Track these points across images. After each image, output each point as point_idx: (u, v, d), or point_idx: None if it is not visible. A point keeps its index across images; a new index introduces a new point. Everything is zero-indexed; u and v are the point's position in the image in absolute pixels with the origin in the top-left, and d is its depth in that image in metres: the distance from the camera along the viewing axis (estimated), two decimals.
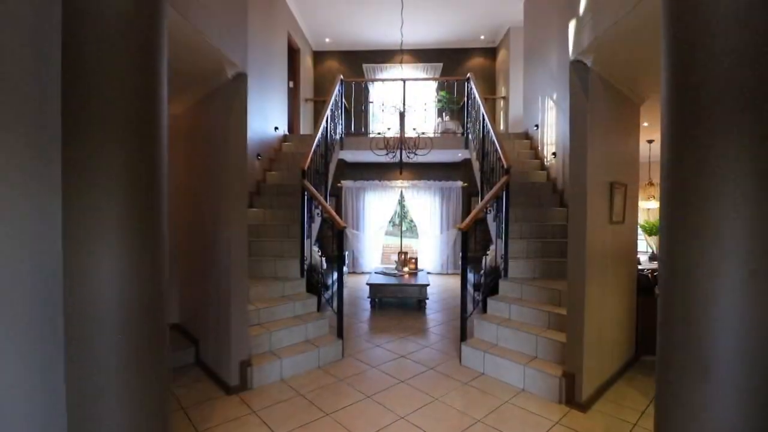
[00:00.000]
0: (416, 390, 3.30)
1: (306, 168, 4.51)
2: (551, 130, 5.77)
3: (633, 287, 3.93)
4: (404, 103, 6.13)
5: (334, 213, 4.11)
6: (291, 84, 8.15)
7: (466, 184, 8.78)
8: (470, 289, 5.76)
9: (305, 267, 4.42)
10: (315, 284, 4.31)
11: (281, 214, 5.23)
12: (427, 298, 5.76)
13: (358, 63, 9.32)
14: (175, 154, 4.32)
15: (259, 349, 3.57)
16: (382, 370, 3.69)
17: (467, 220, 3.89)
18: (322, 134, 5.41)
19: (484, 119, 5.44)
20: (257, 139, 5.80)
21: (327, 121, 5.65)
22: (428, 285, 5.75)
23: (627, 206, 3.67)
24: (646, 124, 5.21)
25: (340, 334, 4.01)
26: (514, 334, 3.64)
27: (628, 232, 3.78)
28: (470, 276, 6.59)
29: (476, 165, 6.06)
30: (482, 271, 5.66)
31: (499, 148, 4.65)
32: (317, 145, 5.14)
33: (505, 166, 4.35)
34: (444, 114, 8.68)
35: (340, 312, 3.99)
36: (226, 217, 3.26)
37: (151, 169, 1.73)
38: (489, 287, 4.17)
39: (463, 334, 3.89)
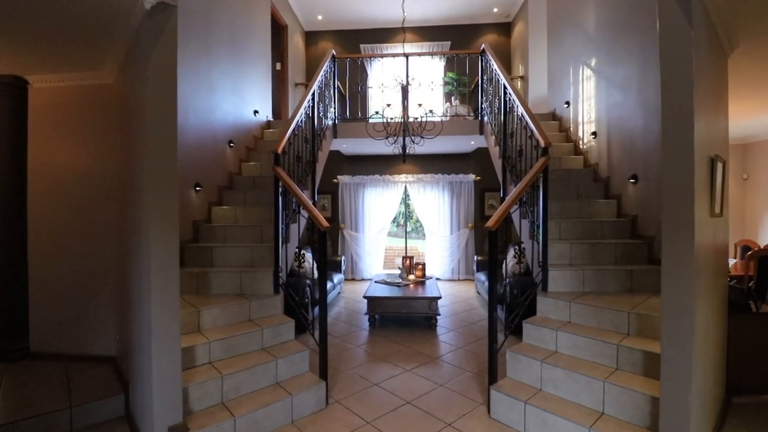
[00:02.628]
0: None
1: (280, 151, 3.46)
2: (589, 105, 4.69)
3: (725, 304, 2.85)
4: (407, 78, 5.08)
5: (312, 207, 3.05)
6: (278, 66, 7.14)
7: (479, 178, 7.70)
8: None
9: (281, 280, 3.37)
10: (294, 303, 3.26)
11: (256, 213, 4.19)
12: (438, 314, 4.70)
13: (356, 44, 8.29)
14: (105, 138, 3.31)
15: (205, 401, 2.53)
16: (380, 429, 2.63)
17: (496, 215, 2.82)
18: (306, 113, 4.37)
19: (506, 91, 4.36)
20: (230, 122, 4.77)
21: (314, 97, 4.62)
22: (439, 298, 4.69)
23: (725, 192, 2.59)
24: None
25: (323, 373, 2.96)
26: (567, 377, 2.57)
27: (724, 227, 2.70)
28: (488, 285, 5.48)
29: (495, 152, 4.99)
30: (506, 282, 4.59)
31: (531, 123, 3.57)
32: (298, 126, 4.10)
33: (542, 145, 3.28)
34: (453, 98, 7.63)
35: (323, 344, 2.93)
36: (146, 218, 2.22)
37: None
38: (524, 305, 3.10)
39: (492, 375, 2.82)
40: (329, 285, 5.53)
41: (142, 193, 2.25)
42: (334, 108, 5.78)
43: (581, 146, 4.92)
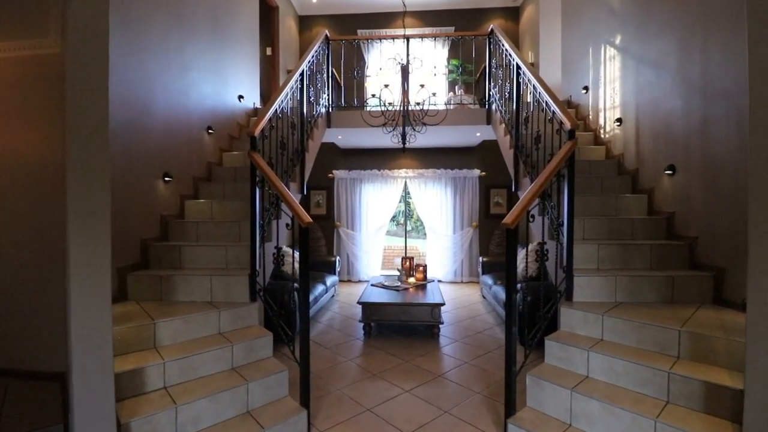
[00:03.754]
0: None
1: (257, 134, 2.95)
2: (612, 88, 4.17)
3: None
4: (408, 58, 4.56)
5: (293, 199, 2.53)
6: (268, 51, 6.63)
7: (484, 173, 7.19)
8: (501, 310, 4.05)
9: (258, 286, 2.86)
10: (272, 312, 2.74)
11: (236, 208, 3.68)
12: (441, 323, 4.19)
13: (353, 29, 7.76)
14: (50, 118, 2.79)
15: None
16: None
17: (515, 210, 2.30)
18: (293, 93, 3.86)
19: (519, 71, 3.85)
20: (208, 105, 4.26)
21: (303, 78, 4.10)
22: (443, 304, 4.18)
23: None
24: None
25: (305, 400, 2.45)
26: (606, 411, 2.06)
27: None
28: (496, 289, 4.99)
29: (505, 142, 4.48)
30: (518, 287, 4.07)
31: (552, 103, 3.06)
32: (283, 109, 3.58)
33: (568, 127, 2.76)
34: (457, 87, 7.11)
35: (304, 365, 2.42)
36: (68, 209, 1.71)
37: None
38: (547, 319, 2.58)
39: (510, 405, 2.31)
40: (321, 288, 5.03)
41: (64, 179, 1.74)
42: (328, 95, 5.27)
43: (602, 135, 4.40)
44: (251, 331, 2.73)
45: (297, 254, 5.60)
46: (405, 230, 7.86)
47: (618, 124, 4.04)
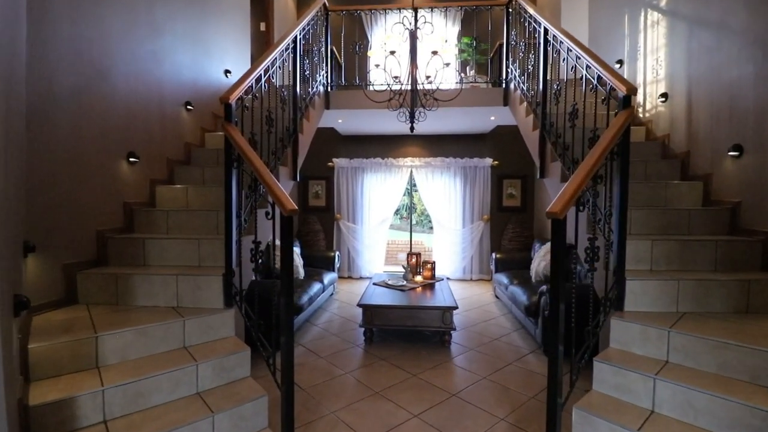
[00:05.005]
0: None
1: (232, 100, 2.39)
2: (655, 59, 3.59)
3: None
4: (416, 23, 3.97)
5: (274, 182, 1.99)
6: (262, 26, 6.07)
7: (497, 162, 6.62)
8: (519, 313, 3.44)
9: (234, 288, 2.33)
10: (250, 322, 2.21)
11: (216, 195, 3.14)
12: (454, 329, 3.65)
13: (355, 5, 7.15)
14: None
15: None
16: None
17: (564, 196, 1.75)
18: (284, 62, 3.30)
19: (547, 36, 3.29)
20: (187, 78, 3.71)
21: (298, 46, 3.55)
22: (455, 308, 3.64)
23: None
24: None
25: None
26: None
27: None
28: (514, 290, 4.42)
29: (527, 123, 3.92)
30: (543, 290, 3.52)
31: (598, 66, 2.48)
32: (269, 77, 3.03)
33: (623, 92, 2.20)
34: (469, 68, 6.53)
35: (287, 390, 1.90)
36: None
37: None
38: (596, 334, 2.04)
39: None
40: (317, 287, 4.51)
41: None
42: (327, 72, 4.72)
43: (641, 114, 3.83)
44: (224, 345, 2.21)
45: (295, 249, 5.09)
46: (410, 223, 7.32)
47: (662, 100, 3.46)
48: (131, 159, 2.92)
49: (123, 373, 1.86)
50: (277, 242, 4.81)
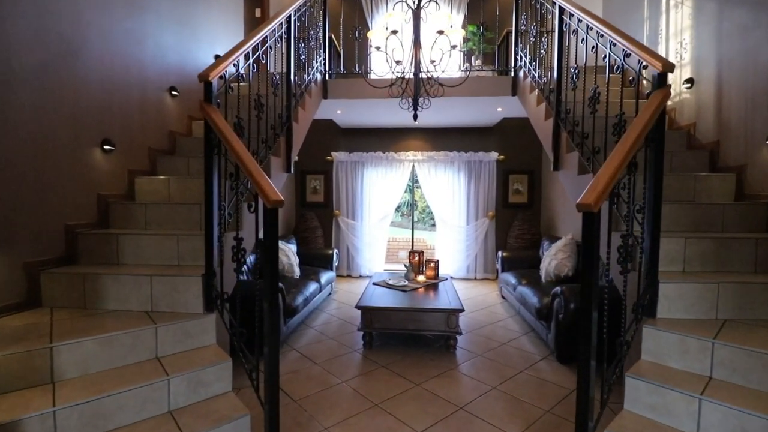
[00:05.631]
0: None
1: (212, 78, 2.12)
2: (679, 42, 3.31)
3: None
4: (419, 3, 3.69)
5: (256, 168, 1.72)
6: (258, 12, 5.79)
7: (503, 157, 6.35)
8: (529, 315, 3.16)
9: (215, 292, 2.07)
10: (231, 331, 1.95)
11: (202, 188, 2.87)
12: (460, 333, 3.39)
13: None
14: None
15: None
16: None
17: (599, 185, 1.48)
18: (276, 42, 3.03)
19: (562, 16, 3.02)
20: (172, 61, 3.44)
21: (292, 26, 3.27)
22: (461, 311, 3.38)
23: None
24: None
25: None
26: None
27: None
28: (523, 291, 4.14)
29: (539, 112, 3.65)
30: (558, 291, 3.25)
31: (625, 42, 2.21)
32: (259, 57, 2.76)
33: (658, 69, 1.93)
34: (474, 58, 6.25)
35: (271, 409, 1.64)
36: None
37: None
38: (629, 344, 1.77)
39: None
40: (313, 287, 4.25)
41: None
42: (324, 59, 4.44)
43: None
44: (203, 355, 1.95)
45: (290, 246, 4.83)
46: (412, 220, 7.05)
47: (687, 86, 3.19)
48: (106, 147, 2.66)
49: (81, 390, 1.60)
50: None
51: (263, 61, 2.79)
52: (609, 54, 2.41)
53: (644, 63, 2.04)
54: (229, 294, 2.12)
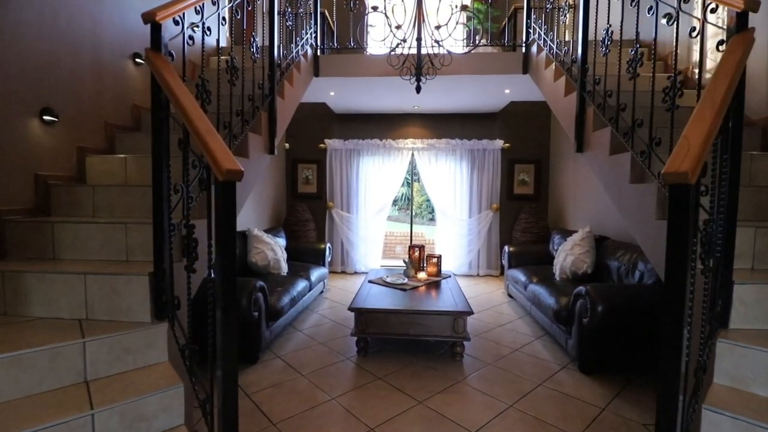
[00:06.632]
0: None
1: (160, 18, 1.66)
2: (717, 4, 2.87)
3: None
4: None
5: (208, 127, 1.28)
6: None
7: (508, 145, 5.92)
8: (541, 316, 2.77)
9: (165, 296, 1.62)
10: (183, 346, 1.51)
11: None
12: (468, 339, 2.97)
13: None
14: None
15: None
16: None
17: (695, 148, 1.05)
18: None
19: None
20: (135, 24, 2.96)
21: None
22: (470, 313, 2.95)
23: None
24: None
25: None
26: None
27: None
28: (535, 289, 3.71)
29: (557, 89, 3.22)
30: (583, 292, 2.81)
31: None
32: (234, 11, 2.31)
33: (739, 8, 1.50)
34: (478, 38, 5.79)
35: None
36: None
37: None
38: (704, 369, 1.35)
39: None
40: (302, 285, 3.81)
41: None
42: (315, 32, 3.99)
43: (695, 75, 3.12)
44: (147, 379, 1.51)
45: (278, 240, 4.37)
46: (411, 212, 6.62)
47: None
48: (46, 117, 2.20)
49: None
50: (259, 232, 4.10)
51: (237, 17, 2.34)
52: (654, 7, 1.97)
53: (712, 4, 1.61)
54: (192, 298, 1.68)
